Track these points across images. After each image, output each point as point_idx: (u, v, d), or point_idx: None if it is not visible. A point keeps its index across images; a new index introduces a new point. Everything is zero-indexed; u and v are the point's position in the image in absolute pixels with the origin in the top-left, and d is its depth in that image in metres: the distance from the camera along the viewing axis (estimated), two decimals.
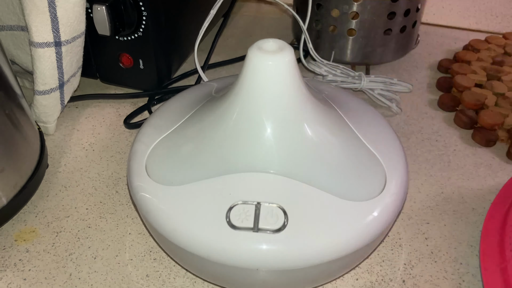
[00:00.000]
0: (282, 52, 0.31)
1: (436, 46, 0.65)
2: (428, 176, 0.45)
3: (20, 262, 0.37)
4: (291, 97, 0.32)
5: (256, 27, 0.69)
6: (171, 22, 0.50)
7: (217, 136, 0.33)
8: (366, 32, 0.54)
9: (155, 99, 0.53)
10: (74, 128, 0.50)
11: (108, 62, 0.52)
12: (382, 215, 0.32)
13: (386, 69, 0.60)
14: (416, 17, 0.56)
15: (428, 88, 0.57)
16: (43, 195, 0.43)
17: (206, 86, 0.43)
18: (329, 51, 0.57)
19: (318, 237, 0.30)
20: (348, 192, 0.32)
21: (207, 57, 0.56)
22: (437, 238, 0.39)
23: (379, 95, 0.51)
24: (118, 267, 0.37)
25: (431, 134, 0.50)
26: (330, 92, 0.41)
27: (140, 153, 0.36)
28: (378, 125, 0.38)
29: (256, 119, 0.32)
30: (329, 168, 0.32)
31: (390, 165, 0.34)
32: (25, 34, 0.46)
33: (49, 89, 0.45)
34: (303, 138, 0.32)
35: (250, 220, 0.30)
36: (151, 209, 0.32)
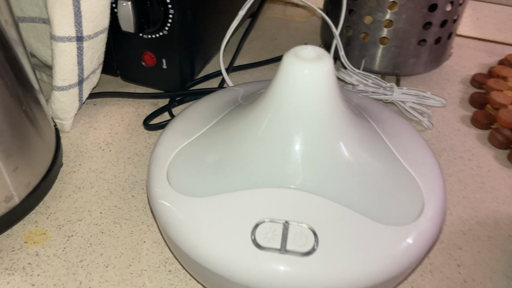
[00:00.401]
0: (320, 60, 0.29)
1: (469, 60, 0.62)
2: (461, 197, 0.42)
3: (29, 266, 0.35)
4: (328, 111, 0.30)
5: (282, 30, 0.67)
6: (197, 22, 0.48)
7: (244, 147, 0.31)
8: (399, 41, 0.52)
9: (176, 101, 0.51)
10: (91, 126, 0.49)
11: (130, 60, 0.50)
12: (419, 242, 0.29)
13: (417, 81, 0.57)
14: (452, 28, 0.53)
15: (461, 103, 0.54)
16: (56, 195, 0.41)
17: (232, 92, 0.41)
18: (359, 59, 0.54)
19: (349, 263, 0.28)
20: (383, 216, 0.29)
21: (232, 59, 0.54)
22: (470, 265, 0.37)
23: (410, 108, 0.49)
24: (130, 277, 0.35)
25: (463, 153, 0.47)
26: (364, 103, 0.39)
27: (162, 158, 0.34)
28: (414, 141, 0.36)
29: (288, 131, 0.30)
30: (364, 188, 0.30)
31: (428, 187, 0.32)
32: (47, 27, 0.44)
33: (68, 85, 0.43)
34: (338, 156, 0.30)
35: (277, 240, 0.28)
36: (171, 220, 0.30)
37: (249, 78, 0.57)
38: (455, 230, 0.39)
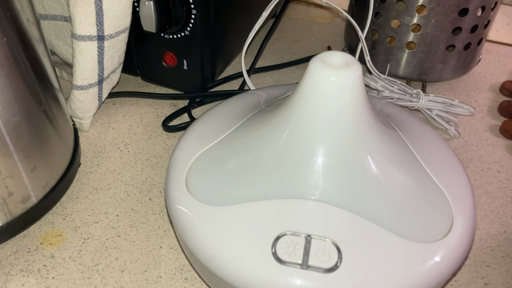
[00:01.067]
0: (348, 68, 0.28)
1: (499, 66, 0.60)
2: (489, 211, 0.41)
3: (44, 268, 0.35)
4: (355, 121, 0.28)
5: (305, 32, 0.66)
6: (220, 22, 0.48)
7: (266, 154, 0.30)
8: (427, 46, 0.50)
9: (196, 102, 0.50)
10: (109, 126, 0.48)
11: (151, 60, 0.49)
12: (447, 260, 0.28)
13: (443, 87, 0.55)
14: (483, 34, 0.51)
15: (489, 112, 0.52)
16: (73, 196, 0.41)
17: (254, 95, 0.40)
18: (384, 64, 0.53)
19: (374, 282, 0.26)
20: (410, 232, 0.28)
21: (254, 61, 0.53)
22: (498, 284, 0.35)
23: (437, 116, 0.47)
24: (146, 284, 0.34)
25: (491, 164, 0.46)
26: (389, 111, 0.37)
27: (181, 163, 0.33)
28: (442, 152, 0.34)
29: (313, 141, 0.29)
30: (391, 202, 0.29)
31: (457, 202, 0.31)
32: (68, 25, 0.44)
33: (88, 85, 0.43)
34: (365, 169, 0.29)
35: (298, 255, 0.27)
36: (189, 228, 0.29)
37: (271, 80, 0.56)
38: (482, 246, 0.38)
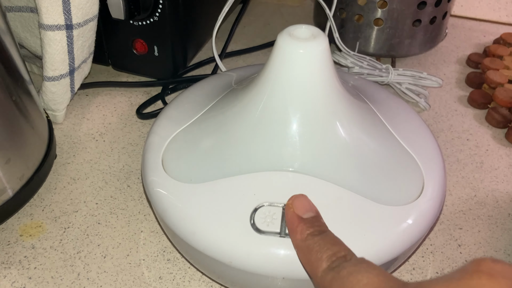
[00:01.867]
0: (315, 39, 0.29)
1: (464, 40, 0.61)
2: (460, 177, 0.42)
3: (25, 259, 0.35)
4: (324, 91, 0.29)
5: (275, 15, 0.66)
6: (188, 7, 0.48)
7: (240, 130, 0.31)
8: (394, 22, 0.51)
9: (169, 89, 0.50)
10: (84, 117, 0.48)
11: (121, 48, 0.49)
12: (419, 221, 0.29)
13: (412, 62, 0.57)
14: (447, 7, 0.52)
15: (457, 83, 0.54)
16: (50, 187, 0.40)
17: (225, 77, 0.41)
18: (353, 42, 0.54)
19: (350, 245, 0.27)
20: (383, 196, 0.29)
21: (225, 45, 0.53)
22: (471, 245, 0.36)
23: (406, 89, 0.48)
24: (129, 267, 0.34)
25: (461, 133, 0.47)
26: (360, 85, 0.38)
27: (156, 146, 0.33)
28: (412, 122, 0.35)
29: (284, 113, 0.29)
30: (363, 169, 0.30)
31: (427, 167, 0.32)
32: (34, 16, 0.43)
33: (59, 75, 0.42)
34: (335, 137, 0.30)
35: (276, 224, 0.27)
36: (168, 208, 0.30)
37: (243, 64, 0.56)
38: (455, 210, 0.39)
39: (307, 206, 0.26)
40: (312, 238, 0.24)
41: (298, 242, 0.25)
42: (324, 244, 0.23)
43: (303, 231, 0.24)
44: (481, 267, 0.18)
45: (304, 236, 0.24)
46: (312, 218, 0.25)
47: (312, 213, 0.26)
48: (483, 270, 0.18)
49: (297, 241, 0.25)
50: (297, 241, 0.25)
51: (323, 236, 0.24)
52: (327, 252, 0.23)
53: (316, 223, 0.25)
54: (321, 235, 0.24)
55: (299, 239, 0.24)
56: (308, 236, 0.24)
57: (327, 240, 0.24)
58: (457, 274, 0.19)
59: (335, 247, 0.23)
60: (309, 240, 0.24)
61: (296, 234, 0.25)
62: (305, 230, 0.24)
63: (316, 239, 0.24)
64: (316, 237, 0.24)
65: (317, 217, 0.26)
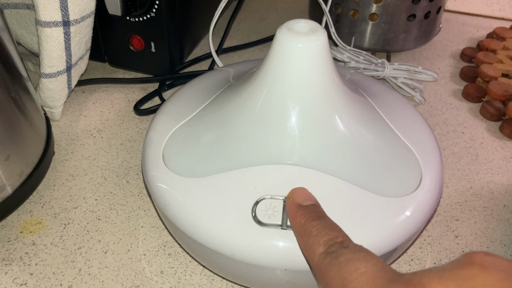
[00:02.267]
0: (314, 34, 0.29)
1: (458, 34, 0.62)
2: (456, 170, 0.43)
3: (26, 256, 0.35)
4: (323, 85, 0.29)
5: (270, 11, 0.67)
6: (185, 3, 0.48)
7: (241, 124, 0.31)
8: (389, 17, 0.52)
9: (166, 85, 0.50)
10: (81, 113, 0.48)
11: (118, 44, 0.49)
12: (417, 213, 0.29)
13: (407, 56, 0.57)
14: (441, 2, 0.53)
15: (452, 77, 0.54)
16: (49, 184, 0.40)
17: (222, 72, 0.41)
18: (349, 37, 0.54)
19: (351, 237, 0.27)
20: (382, 188, 0.29)
21: (221, 41, 0.54)
22: (467, 236, 0.37)
23: (402, 83, 0.49)
24: (130, 262, 0.35)
25: (456, 126, 0.48)
26: (357, 79, 0.39)
27: (156, 141, 0.33)
28: (409, 115, 0.36)
29: (283, 107, 0.30)
30: (362, 161, 0.30)
31: (425, 159, 0.32)
32: (31, 12, 0.43)
33: (56, 72, 0.42)
34: (335, 130, 0.30)
35: (278, 216, 0.28)
36: (170, 202, 0.30)
37: (239, 60, 0.56)
38: (451, 202, 0.40)
39: (306, 195, 0.27)
40: (310, 223, 0.24)
41: (297, 227, 0.25)
42: (322, 229, 0.24)
43: (302, 216, 0.25)
44: (474, 259, 0.19)
45: (302, 221, 0.25)
46: (311, 205, 0.26)
47: (312, 201, 0.26)
48: (475, 262, 0.19)
49: (296, 226, 0.25)
50: (297, 226, 0.25)
51: (321, 221, 0.24)
52: (325, 236, 0.23)
53: (315, 209, 0.26)
54: (320, 220, 0.24)
55: (298, 224, 0.25)
56: (307, 220, 0.25)
57: (325, 225, 0.24)
58: (451, 265, 0.19)
59: (333, 232, 0.23)
60: (307, 224, 0.24)
61: (295, 219, 0.25)
62: (304, 215, 0.25)
63: (314, 223, 0.24)
64: (315, 221, 0.24)
65: (316, 205, 0.26)
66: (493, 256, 0.19)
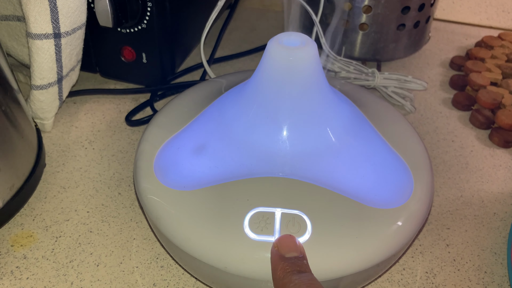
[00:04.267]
0: (305, 47, 0.29)
1: (447, 43, 0.63)
2: (446, 178, 0.43)
3: (17, 270, 0.35)
4: (314, 98, 0.30)
5: (260, 21, 0.67)
6: (176, 14, 0.48)
7: (232, 136, 0.31)
8: (379, 27, 0.52)
9: (158, 95, 0.50)
10: (72, 125, 0.48)
11: (109, 55, 0.49)
12: (410, 223, 0.30)
13: (397, 65, 0.58)
14: (430, 12, 0.54)
15: (441, 86, 0.55)
16: (40, 196, 0.40)
17: (214, 83, 0.41)
18: (339, 47, 0.54)
19: (342, 248, 0.28)
20: (374, 198, 0.30)
21: (213, 51, 0.54)
22: (459, 244, 0.37)
23: (392, 92, 0.49)
24: (122, 275, 0.34)
25: (446, 134, 0.48)
26: (347, 89, 0.39)
27: (148, 153, 0.33)
28: (400, 125, 0.36)
29: (275, 119, 0.30)
30: (353, 172, 0.30)
31: (416, 169, 0.32)
32: (22, 24, 0.43)
33: (47, 84, 0.42)
34: (326, 142, 0.30)
35: (270, 229, 0.28)
36: (161, 215, 0.30)
37: (231, 70, 0.57)
38: (442, 211, 0.40)
39: (291, 246, 0.26)
40: (290, 277, 0.24)
41: (276, 281, 0.25)
42: (300, 285, 0.23)
43: (282, 270, 0.24)
44: None
45: (282, 275, 0.24)
46: (294, 257, 0.25)
47: (296, 253, 0.26)
48: None
49: (275, 280, 0.25)
50: (276, 279, 0.25)
51: (301, 276, 0.24)
52: None
53: (297, 263, 0.25)
54: (300, 275, 0.24)
55: (278, 277, 0.24)
56: (286, 275, 0.24)
57: (304, 281, 0.24)
58: None
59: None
60: (286, 279, 0.24)
61: (276, 272, 0.25)
62: (283, 269, 0.24)
63: (294, 278, 0.24)
64: (294, 276, 0.24)
65: (301, 258, 0.26)
66: None
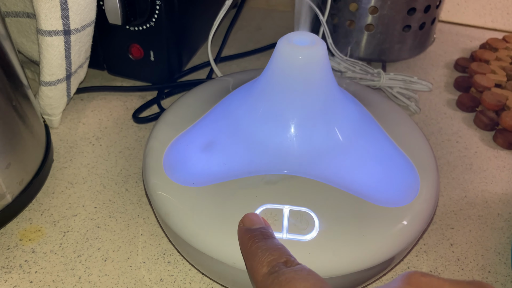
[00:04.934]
0: (314, 46, 0.29)
1: (452, 45, 0.63)
2: (450, 179, 0.43)
3: (26, 264, 0.35)
4: (323, 96, 0.30)
5: (266, 20, 0.67)
6: (184, 12, 0.48)
7: (241, 134, 0.32)
8: (385, 27, 0.52)
9: (165, 93, 0.50)
10: (79, 121, 0.48)
11: (117, 53, 0.49)
12: (416, 221, 0.30)
13: (402, 66, 0.58)
14: (435, 13, 0.54)
15: (446, 87, 0.55)
16: (48, 192, 0.41)
17: (222, 82, 0.41)
18: (345, 47, 0.55)
19: (349, 245, 0.28)
20: (380, 197, 0.30)
21: (219, 50, 0.54)
22: (462, 244, 0.38)
23: (398, 93, 0.49)
24: (130, 270, 0.35)
25: (451, 135, 0.48)
26: (354, 89, 0.39)
27: (157, 150, 0.34)
28: (406, 125, 0.36)
29: (283, 118, 0.30)
30: (361, 171, 0.31)
31: (422, 169, 0.33)
32: (31, 21, 0.44)
33: (56, 80, 0.43)
34: (334, 140, 0.31)
35: (278, 225, 0.28)
36: (170, 210, 0.30)
37: (237, 69, 0.57)
38: (446, 211, 0.40)
39: (255, 220, 0.27)
40: (256, 244, 0.24)
41: (244, 251, 0.25)
42: (266, 250, 0.24)
43: (249, 239, 0.25)
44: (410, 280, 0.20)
45: (249, 244, 0.25)
46: (259, 228, 0.26)
47: (260, 225, 0.26)
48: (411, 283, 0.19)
49: (243, 250, 0.25)
50: (244, 249, 0.25)
51: (267, 242, 0.24)
52: (269, 257, 0.23)
53: (262, 231, 0.25)
54: (265, 241, 0.24)
55: (245, 247, 0.25)
56: (253, 243, 0.25)
57: (270, 246, 0.24)
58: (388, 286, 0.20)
59: (277, 253, 0.23)
60: (253, 246, 0.24)
61: (243, 243, 0.25)
62: (251, 238, 0.25)
63: (260, 244, 0.24)
64: (260, 242, 0.24)
65: (264, 228, 0.26)
66: (429, 276, 0.20)
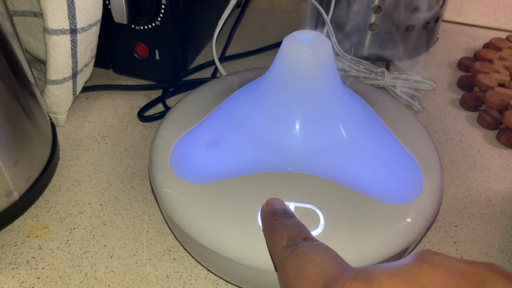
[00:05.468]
0: (319, 45, 0.30)
1: (455, 44, 0.63)
2: (454, 177, 0.44)
3: (33, 260, 0.35)
4: (328, 94, 0.30)
5: (270, 20, 0.67)
6: (189, 12, 0.49)
7: (246, 132, 0.32)
8: (388, 27, 0.53)
9: (170, 92, 0.51)
10: (85, 119, 0.48)
11: (122, 52, 0.49)
12: (420, 219, 0.30)
13: (405, 66, 0.58)
14: (439, 13, 0.54)
15: (449, 86, 0.55)
16: (55, 189, 0.41)
17: (227, 80, 0.42)
18: (349, 46, 0.55)
19: (354, 242, 0.28)
20: (385, 194, 0.30)
21: (224, 49, 0.54)
22: (466, 242, 0.38)
23: (401, 92, 0.50)
24: (136, 267, 0.35)
25: (454, 134, 0.49)
26: (359, 87, 0.39)
27: (163, 148, 0.34)
28: (410, 123, 0.37)
29: (288, 116, 0.31)
30: (365, 168, 0.31)
31: (426, 167, 0.33)
32: (38, 20, 0.44)
33: (62, 79, 0.43)
34: (338, 137, 0.31)
35: None
36: (177, 207, 0.30)
37: (241, 68, 0.57)
38: (450, 209, 0.41)
39: (278, 203, 0.27)
40: (278, 220, 0.25)
41: (266, 226, 0.26)
42: (288, 225, 0.24)
43: (271, 215, 0.26)
44: (424, 257, 0.19)
45: (271, 220, 0.25)
46: (282, 209, 0.27)
47: (283, 207, 0.27)
48: (425, 260, 0.19)
49: (266, 226, 0.26)
50: (266, 225, 0.26)
51: (289, 219, 0.25)
52: (289, 232, 0.24)
53: (285, 211, 0.26)
54: (287, 218, 0.25)
55: (267, 223, 0.26)
56: (275, 219, 0.25)
57: (292, 222, 0.25)
58: (401, 262, 0.19)
59: (298, 229, 0.24)
60: (274, 222, 0.25)
61: (265, 219, 0.26)
62: (273, 215, 0.26)
63: (282, 220, 0.25)
64: (282, 219, 0.25)
65: (287, 209, 0.27)
66: (442, 255, 0.19)
